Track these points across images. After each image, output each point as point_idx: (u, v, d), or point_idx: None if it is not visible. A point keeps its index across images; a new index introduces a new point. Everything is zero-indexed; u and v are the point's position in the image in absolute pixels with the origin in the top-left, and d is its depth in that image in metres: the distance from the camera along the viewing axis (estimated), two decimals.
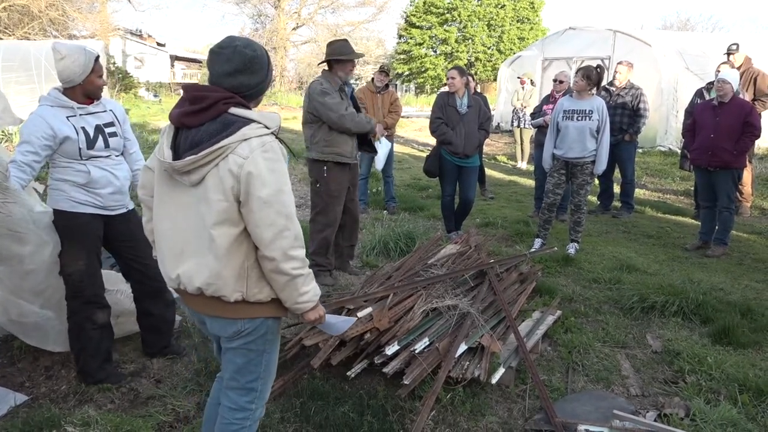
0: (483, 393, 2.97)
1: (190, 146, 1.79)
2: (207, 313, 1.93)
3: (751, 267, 5.29)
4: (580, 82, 5.19)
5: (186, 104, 1.83)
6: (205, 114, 1.79)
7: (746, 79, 6.84)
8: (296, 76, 36.67)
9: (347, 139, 4.46)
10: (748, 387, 3.03)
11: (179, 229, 1.87)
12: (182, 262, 1.87)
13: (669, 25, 43.02)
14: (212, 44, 1.93)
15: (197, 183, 1.79)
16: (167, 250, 1.92)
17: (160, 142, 1.90)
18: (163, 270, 1.95)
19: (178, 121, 1.83)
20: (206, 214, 1.79)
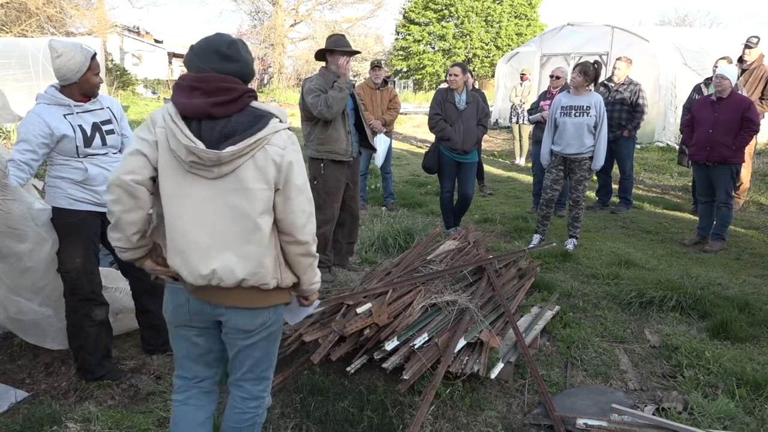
0: (482, 388, 2.98)
1: (221, 137, 1.78)
2: (241, 305, 1.91)
3: (749, 262, 5.31)
4: (577, 78, 5.19)
5: (204, 95, 1.80)
6: (235, 105, 1.82)
7: (756, 77, 6.76)
8: (294, 72, 36.61)
9: (342, 137, 4.44)
10: (746, 381, 3.04)
11: (204, 224, 1.82)
12: (215, 256, 1.83)
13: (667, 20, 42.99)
14: None
15: (224, 174, 1.79)
16: (191, 247, 1.84)
17: (160, 132, 1.82)
18: (187, 268, 1.85)
19: (205, 111, 1.79)
20: (248, 204, 1.81)
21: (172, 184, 1.82)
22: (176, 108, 1.81)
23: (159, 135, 1.81)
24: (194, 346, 2.03)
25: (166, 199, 1.84)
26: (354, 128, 4.63)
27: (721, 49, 9.41)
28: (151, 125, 1.84)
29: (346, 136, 4.46)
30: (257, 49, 35.77)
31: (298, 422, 2.69)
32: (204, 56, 1.86)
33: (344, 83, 4.30)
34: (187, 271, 1.85)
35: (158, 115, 1.84)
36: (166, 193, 1.83)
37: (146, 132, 1.83)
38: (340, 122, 4.42)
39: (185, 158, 1.77)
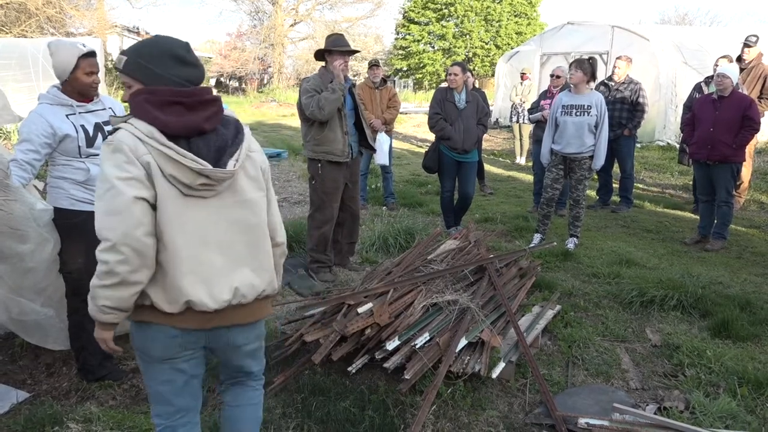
0: (483, 387, 2.98)
1: (216, 152, 1.70)
2: (256, 318, 1.89)
3: (750, 261, 5.30)
4: (576, 74, 5.19)
5: (189, 110, 1.68)
6: (219, 116, 1.77)
7: (755, 76, 6.77)
8: (294, 72, 36.58)
9: (338, 138, 4.44)
10: (747, 380, 3.04)
11: (213, 245, 1.72)
12: (231, 275, 1.76)
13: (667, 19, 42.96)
14: (211, 41, 1.90)
15: (222, 191, 1.73)
16: (204, 273, 1.71)
17: (147, 160, 1.62)
18: (209, 294, 1.72)
19: (198, 128, 1.68)
20: (252, 215, 1.80)
21: (172, 212, 1.66)
22: (156, 127, 1.62)
23: (148, 164, 1.61)
24: (180, 375, 1.84)
25: (168, 228, 1.66)
26: (354, 128, 4.63)
27: (721, 47, 9.40)
28: (131, 156, 1.60)
29: (342, 137, 4.45)
30: (257, 49, 35.78)
31: (299, 422, 2.69)
32: (161, 63, 1.69)
33: (338, 85, 4.28)
34: (209, 297, 1.72)
35: (129, 141, 1.61)
36: (167, 222, 1.65)
37: (131, 167, 1.59)
38: (336, 123, 4.42)
39: (192, 182, 1.65)
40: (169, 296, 1.70)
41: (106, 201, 1.60)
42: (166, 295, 1.70)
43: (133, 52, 1.72)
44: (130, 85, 1.73)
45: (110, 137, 1.65)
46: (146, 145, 1.61)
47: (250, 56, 35.55)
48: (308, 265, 4.68)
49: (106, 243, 1.61)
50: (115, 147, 1.61)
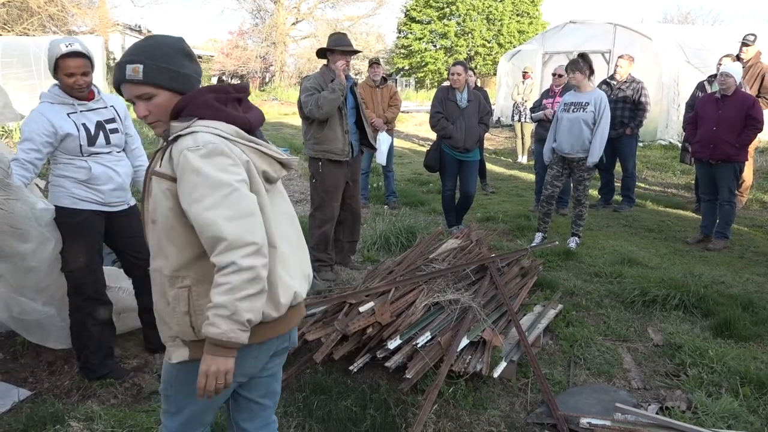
0: (485, 387, 2.98)
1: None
2: (304, 313, 1.84)
3: (753, 260, 5.29)
4: (575, 76, 5.19)
5: (247, 106, 1.68)
6: None
7: (753, 74, 6.76)
8: (296, 71, 36.57)
9: (338, 137, 4.43)
10: (750, 380, 3.03)
11: (285, 238, 1.67)
12: (300, 265, 1.74)
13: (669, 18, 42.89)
14: (213, 39, 1.87)
15: None
16: (290, 263, 1.67)
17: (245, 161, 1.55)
18: (298, 284, 1.69)
19: (261, 121, 1.68)
20: (291, 207, 1.78)
21: (265, 207, 1.59)
22: (237, 125, 1.57)
23: (248, 163, 1.55)
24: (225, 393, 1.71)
25: (273, 225, 1.61)
26: (354, 126, 4.63)
27: (723, 46, 9.39)
28: (235, 158, 1.51)
29: (342, 136, 4.44)
30: (259, 48, 35.78)
31: (300, 421, 2.69)
32: (180, 62, 1.60)
33: (338, 85, 4.27)
34: (300, 286, 1.70)
35: (219, 143, 1.50)
36: (271, 218, 1.60)
37: (238, 169, 1.51)
38: (336, 122, 4.41)
39: (279, 174, 1.65)
40: (276, 297, 1.59)
41: (231, 205, 1.45)
42: (274, 298, 1.58)
43: (148, 58, 1.56)
44: (153, 95, 1.57)
45: (193, 142, 1.48)
46: (237, 144, 1.53)
47: (251, 55, 35.56)
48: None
49: (251, 247, 1.44)
50: (213, 150, 1.47)
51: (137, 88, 1.56)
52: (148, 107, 1.58)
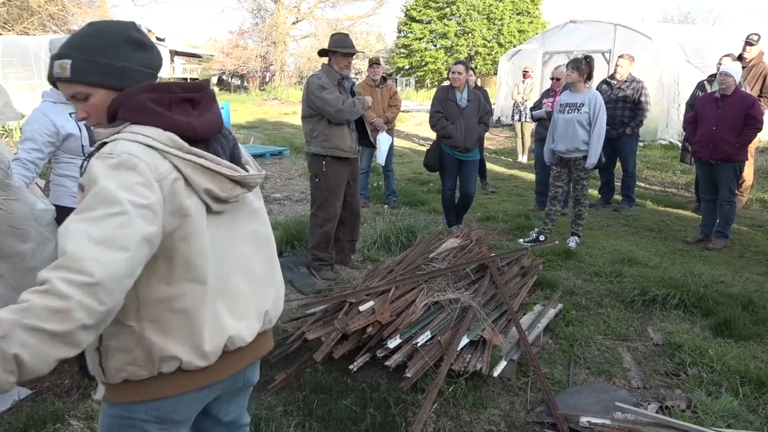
0: (485, 386, 2.98)
1: (231, 154, 1.42)
2: (270, 347, 1.62)
3: (753, 260, 5.29)
4: (572, 74, 5.22)
5: (202, 108, 1.39)
6: None
7: (755, 74, 6.75)
8: (296, 70, 36.60)
9: (346, 134, 4.45)
10: (750, 379, 3.03)
11: (235, 268, 1.43)
12: (258, 298, 1.49)
13: (669, 18, 42.90)
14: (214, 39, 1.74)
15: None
16: (235, 302, 1.42)
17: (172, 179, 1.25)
18: (243, 326, 1.43)
19: (219, 127, 1.40)
20: (262, 227, 1.53)
21: (204, 236, 1.32)
22: (176, 132, 1.28)
23: (172, 185, 1.25)
24: None
25: (199, 258, 1.30)
26: (355, 125, 4.63)
27: (724, 46, 9.39)
28: (150, 177, 1.21)
29: (349, 133, 4.48)
30: (259, 47, 35.79)
31: (300, 420, 2.69)
32: (119, 53, 1.31)
33: (366, 103, 4.55)
34: (246, 328, 1.43)
35: (145, 156, 1.22)
36: (198, 251, 1.30)
37: (147, 192, 1.19)
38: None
39: (229, 194, 1.35)
40: (198, 342, 1.32)
41: (106, 227, 1.13)
42: (197, 344, 1.32)
43: (78, 51, 1.30)
44: (87, 94, 1.32)
45: (109, 149, 1.23)
46: (168, 157, 1.25)
47: (252, 54, 35.59)
48: (310, 263, 4.68)
49: (83, 277, 1.07)
50: (124, 162, 1.19)
51: (69, 86, 1.32)
52: (85, 108, 1.34)
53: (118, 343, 1.30)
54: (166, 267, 1.28)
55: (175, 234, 1.26)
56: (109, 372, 1.32)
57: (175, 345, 1.30)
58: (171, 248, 1.26)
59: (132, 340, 1.30)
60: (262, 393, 2.90)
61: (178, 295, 1.29)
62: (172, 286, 1.29)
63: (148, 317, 1.29)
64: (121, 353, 1.30)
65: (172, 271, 1.28)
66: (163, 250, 1.25)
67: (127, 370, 1.31)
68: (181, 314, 1.30)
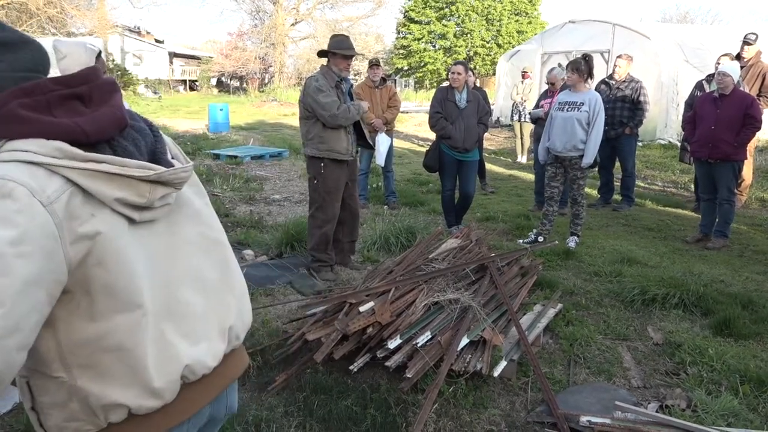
0: (485, 386, 2.98)
1: (150, 150, 1.19)
2: (245, 364, 1.41)
3: (752, 259, 5.30)
4: (572, 76, 5.22)
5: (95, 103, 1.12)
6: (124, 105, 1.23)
7: (754, 74, 6.76)
8: (295, 72, 36.61)
9: (341, 136, 4.45)
10: (750, 378, 3.04)
11: (182, 283, 1.22)
12: (217, 312, 1.29)
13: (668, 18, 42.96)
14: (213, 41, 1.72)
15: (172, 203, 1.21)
16: (187, 323, 1.21)
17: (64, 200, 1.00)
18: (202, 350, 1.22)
19: (123, 121, 1.14)
20: (208, 229, 1.32)
21: (130, 255, 1.09)
22: (61, 139, 1.03)
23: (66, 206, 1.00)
24: None
25: (127, 284, 1.09)
26: (352, 127, 4.63)
27: (722, 46, 9.40)
28: (28, 203, 0.96)
29: (346, 136, 4.47)
30: (258, 49, 35.81)
31: (301, 421, 2.69)
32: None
33: (362, 110, 4.51)
34: (207, 352, 1.24)
35: (23, 177, 0.97)
36: (125, 275, 1.08)
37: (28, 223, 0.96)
38: None
39: (150, 198, 1.11)
40: (145, 380, 1.12)
41: None
42: (143, 383, 1.12)
43: None
44: None
45: None
46: (59, 171, 1.01)
47: (251, 56, 35.62)
48: (309, 264, 4.68)
49: None
50: (17, 195, 0.96)
51: None
52: None
53: (50, 399, 1.11)
54: (87, 301, 1.06)
55: (87, 261, 1.03)
56: (52, 429, 1.14)
57: (115, 389, 1.10)
58: (86, 278, 1.04)
59: (63, 394, 1.10)
60: (262, 394, 2.91)
61: (109, 331, 1.08)
62: (99, 322, 1.07)
63: (77, 363, 1.08)
64: (57, 410, 1.11)
65: (94, 305, 1.06)
66: (77, 283, 1.04)
67: (69, 427, 1.12)
68: (115, 352, 1.09)
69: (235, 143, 12.87)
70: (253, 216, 6.37)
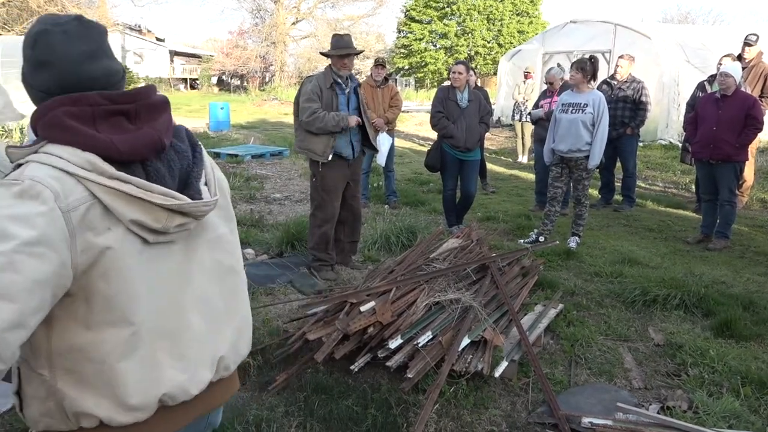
0: (486, 386, 2.98)
1: (183, 176, 1.22)
2: (233, 392, 1.42)
3: (753, 260, 5.29)
4: (575, 75, 5.21)
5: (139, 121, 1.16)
6: (172, 126, 1.25)
7: (756, 75, 6.76)
8: (296, 71, 36.60)
9: (321, 140, 4.41)
10: (751, 379, 3.03)
11: (187, 307, 1.23)
12: (212, 342, 1.28)
13: (669, 18, 42.93)
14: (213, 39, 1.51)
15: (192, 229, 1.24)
16: (180, 348, 1.21)
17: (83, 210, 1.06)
18: (187, 378, 1.22)
19: (158, 145, 1.16)
20: (227, 256, 1.33)
21: (135, 273, 1.13)
22: (97, 153, 1.08)
23: (83, 217, 1.05)
24: None
25: (128, 300, 1.12)
26: (356, 128, 4.62)
27: (723, 46, 9.39)
28: (53, 206, 1.02)
29: (326, 140, 4.43)
30: (259, 47, 35.79)
31: (301, 421, 2.69)
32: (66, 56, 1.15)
33: (345, 123, 4.35)
34: (191, 381, 1.23)
35: (52, 182, 1.04)
36: (127, 292, 1.12)
37: (46, 225, 1.01)
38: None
39: (166, 225, 1.14)
40: (121, 395, 1.13)
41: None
42: (120, 398, 1.13)
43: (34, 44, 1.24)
44: None
45: (16, 174, 1.06)
46: (85, 183, 1.06)
47: (251, 54, 35.60)
48: (310, 264, 4.68)
49: None
50: (27, 190, 1.02)
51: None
52: None
53: (32, 391, 1.15)
54: (85, 309, 1.09)
55: (92, 271, 1.07)
56: (28, 420, 1.18)
57: (90, 399, 1.12)
58: (89, 287, 1.08)
59: (43, 391, 1.13)
60: (263, 393, 2.90)
61: (98, 342, 1.11)
62: (92, 331, 1.10)
63: (61, 366, 1.11)
64: (36, 402, 1.15)
65: (91, 314, 1.10)
66: (81, 289, 1.08)
67: (43, 422, 1.16)
68: (98, 364, 1.11)
69: (235, 142, 12.87)
70: (253, 215, 6.36)
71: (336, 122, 4.34)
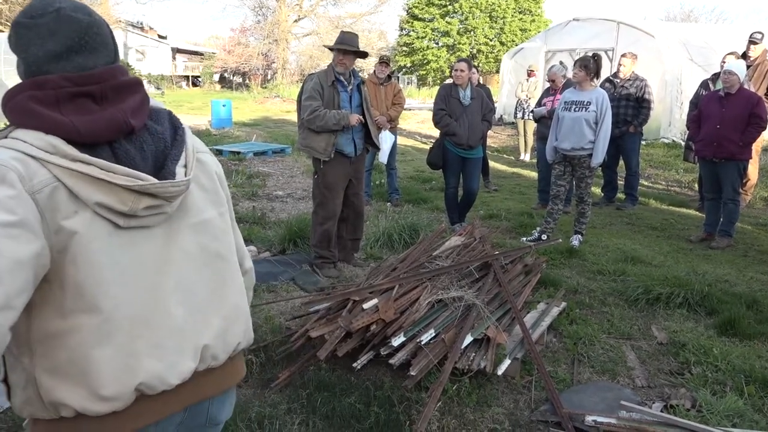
0: (489, 384, 2.97)
1: (156, 157, 1.18)
2: (230, 384, 1.38)
3: (757, 259, 5.28)
4: (578, 73, 5.19)
5: (106, 102, 1.14)
6: (147, 107, 1.22)
7: (761, 73, 6.73)
8: (298, 68, 36.57)
9: (323, 137, 4.41)
10: (755, 378, 3.02)
11: (166, 294, 1.19)
12: (196, 330, 1.24)
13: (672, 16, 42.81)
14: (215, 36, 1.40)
15: (173, 212, 1.20)
16: (159, 336, 1.17)
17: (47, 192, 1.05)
18: (165, 366, 1.18)
19: (127, 125, 1.14)
20: (213, 240, 1.29)
21: (106, 259, 1.10)
22: (59, 136, 1.07)
23: (50, 197, 1.05)
24: None
25: (98, 286, 1.09)
26: (359, 125, 4.61)
27: (727, 44, 9.36)
28: (21, 189, 1.03)
29: (328, 137, 4.43)
30: (261, 45, 35.76)
31: (304, 418, 2.69)
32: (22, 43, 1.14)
33: (346, 122, 4.34)
34: (170, 369, 1.19)
35: (17, 165, 1.04)
36: (96, 276, 1.09)
37: (19, 207, 1.02)
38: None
39: (133, 207, 1.11)
40: (92, 384, 1.11)
41: None
42: (92, 387, 1.11)
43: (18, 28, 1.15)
44: None
45: None
46: (48, 166, 1.06)
47: (253, 52, 35.54)
48: (312, 261, 4.67)
49: None
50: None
51: None
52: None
53: (15, 379, 1.15)
54: (60, 295, 1.09)
55: (64, 257, 1.07)
56: (15, 408, 1.18)
57: (65, 388, 1.10)
58: (61, 273, 1.07)
59: (23, 379, 1.13)
60: (265, 390, 2.90)
61: (73, 329, 1.09)
62: (67, 318, 1.09)
63: (40, 353, 1.11)
64: (19, 390, 1.15)
65: (65, 301, 1.09)
66: (56, 275, 1.08)
67: (26, 410, 1.16)
68: (71, 352, 1.10)
69: (237, 139, 12.87)
70: (255, 212, 6.36)
71: (336, 120, 4.33)
